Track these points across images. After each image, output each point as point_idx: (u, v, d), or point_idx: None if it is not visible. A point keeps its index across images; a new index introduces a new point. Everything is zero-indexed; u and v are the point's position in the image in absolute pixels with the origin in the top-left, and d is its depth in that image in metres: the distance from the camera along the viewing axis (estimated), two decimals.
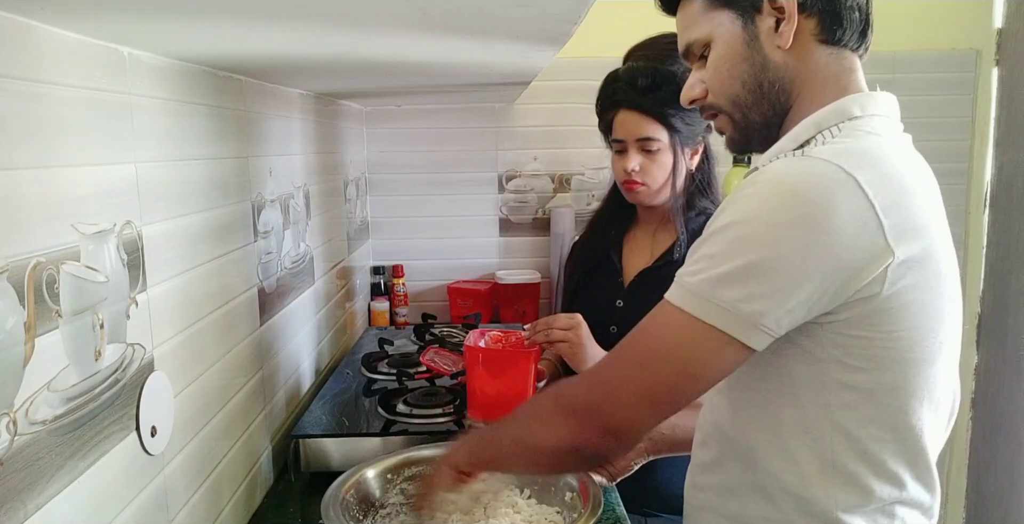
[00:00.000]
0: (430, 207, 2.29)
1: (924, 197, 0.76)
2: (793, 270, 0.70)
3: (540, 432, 0.83)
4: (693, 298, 0.73)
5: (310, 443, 1.28)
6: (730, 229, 0.73)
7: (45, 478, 0.66)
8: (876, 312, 0.73)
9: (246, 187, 1.19)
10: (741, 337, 0.72)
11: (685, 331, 0.74)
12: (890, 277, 0.71)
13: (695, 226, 1.38)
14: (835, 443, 0.77)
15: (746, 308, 0.71)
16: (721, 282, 0.72)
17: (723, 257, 0.72)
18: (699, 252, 0.76)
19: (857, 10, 0.81)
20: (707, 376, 0.75)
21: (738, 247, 0.72)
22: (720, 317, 0.72)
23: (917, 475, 0.79)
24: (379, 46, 0.89)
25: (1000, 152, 2.06)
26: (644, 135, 1.33)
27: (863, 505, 0.78)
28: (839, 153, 0.74)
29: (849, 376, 0.76)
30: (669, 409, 0.77)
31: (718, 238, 0.74)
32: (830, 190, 0.70)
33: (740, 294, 0.71)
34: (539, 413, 0.85)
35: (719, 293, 0.72)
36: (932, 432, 0.79)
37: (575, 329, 1.24)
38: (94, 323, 0.73)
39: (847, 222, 0.70)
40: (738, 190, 0.76)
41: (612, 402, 0.76)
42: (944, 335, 0.77)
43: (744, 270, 0.71)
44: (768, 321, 0.71)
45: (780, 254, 0.70)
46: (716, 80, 0.85)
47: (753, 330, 0.72)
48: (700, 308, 0.73)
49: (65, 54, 0.71)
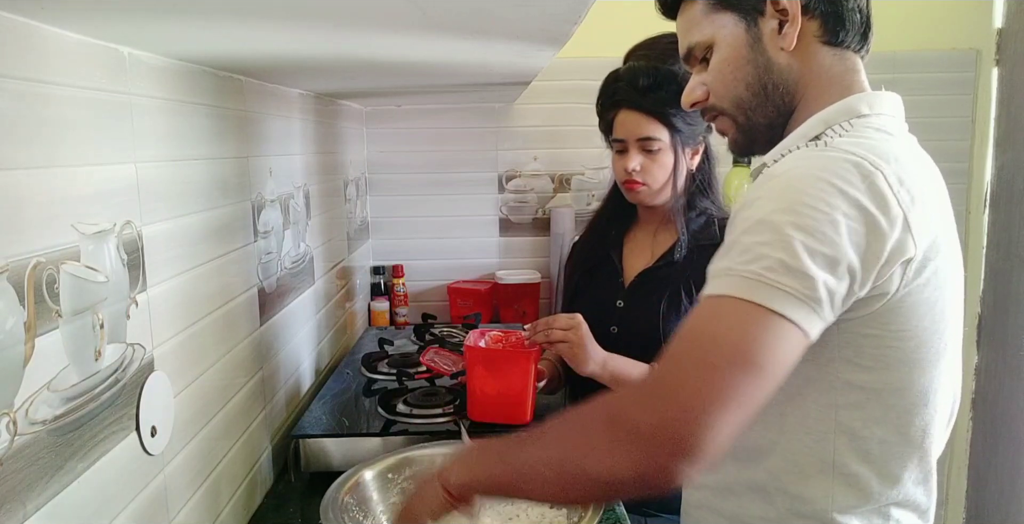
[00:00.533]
0: (430, 207, 2.29)
1: (933, 196, 0.76)
2: (846, 252, 0.68)
3: (594, 462, 0.68)
4: (753, 285, 0.68)
5: (310, 443, 1.28)
6: (771, 217, 0.70)
7: (45, 478, 0.66)
8: (889, 310, 0.73)
9: (246, 187, 1.19)
10: (805, 324, 0.68)
11: (754, 323, 0.67)
12: (908, 274, 0.71)
13: (696, 226, 1.38)
14: (838, 443, 0.77)
15: (811, 295, 0.67)
16: (785, 269, 0.67)
17: (776, 243, 0.68)
18: (742, 242, 0.71)
19: (858, 12, 0.81)
20: (775, 372, 0.68)
21: (783, 232, 0.68)
22: (783, 302, 0.67)
23: (918, 477, 0.79)
24: (379, 46, 0.89)
25: (1000, 152, 2.06)
26: (645, 135, 1.33)
27: (860, 506, 0.78)
28: (861, 147, 0.73)
29: (857, 376, 0.75)
30: (744, 416, 0.67)
31: (759, 228, 0.70)
32: (863, 178, 0.70)
33: (800, 278, 0.67)
34: (589, 440, 0.70)
35: (781, 279, 0.67)
36: (936, 432, 0.79)
37: (575, 329, 1.24)
38: (94, 323, 0.73)
39: (884, 209, 0.69)
40: (761, 183, 0.74)
41: (685, 416, 0.65)
42: (948, 335, 0.77)
43: (800, 258, 0.68)
44: (825, 307, 0.69)
45: (831, 235, 0.68)
46: (719, 83, 0.85)
47: (814, 316, 0.68)
48: (763, 294, 0.67)
49: (65, 54, 0.71)
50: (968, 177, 2.24)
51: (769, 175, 0.75)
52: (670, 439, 0.65)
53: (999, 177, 2.06)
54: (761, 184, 0.74)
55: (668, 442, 0.65)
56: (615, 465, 0.67)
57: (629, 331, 1.36)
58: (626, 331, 1.37)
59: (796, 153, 0.77)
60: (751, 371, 0.66)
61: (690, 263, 1.35)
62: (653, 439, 0.66)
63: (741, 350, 0.66)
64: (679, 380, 0.67)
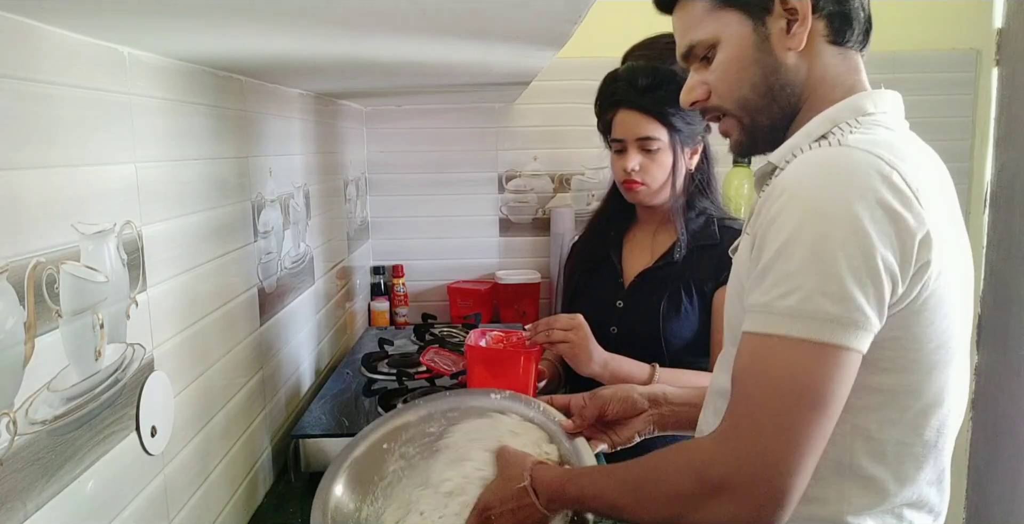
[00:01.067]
0: (430, 207, 2.29)
1: (943, 195, 0.75)
2: (882, 256, 0.67)
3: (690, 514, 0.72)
4: (797, 321, 0.68)
5: (310, 443, 1.28)
6: (800, 237, 0.68)
7: (45, 478, 0.66)
8: (913, 312, 0.72)
9: (246, 187, 1.19)
10: (857, 345, 0.68)
11: (810, 359, 0.68)
12: (932, 273, 0.70)
13: (695, 226, 1.38)
14: (855, 445, 0.76)
15: (854, 316, 0.68)
16: (822, 295, 0.67)
17: (808, 270, 0.68)
18: (776, 270, 0.70)
19: (862, 10, 0.81)
20: (841, 399, 0.70)
21: (817, 253, 0.67)
22: (830, 331, 0.67)
23: (932, 478, 0.79)
24: (379, 46, 0.89)
25: (1000, 152, 2.06)
26: (644, 134, 1.33)
27: (874, 507, 0.77)
28: (874, 143, 0.72)
29: (875, 378, 0.74)
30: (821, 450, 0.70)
31: (790, 251, 0.69)
32: (882, 178, 0.69)
33: (843, 303, 0.67)
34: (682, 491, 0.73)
35: (825, 308, 0.67)
36: (948, 433, 0.79)
37: (576, 330, 1.24)
38: (94, 323, 0.73)
39: (908, 206, 0.68)
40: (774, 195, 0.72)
41: (772, 467, 0.68)
42: (960, 336, 0.77)
43: (836, 276, 0.67)
44: (873, 321, 0.69)
45: (861, 248, 0.67)
46: (724, 83, 0.83)
47: (864, 334, 0.68)
48: (814, 330, 0.67)
49: (65, 54, 0.71)
50: (968, 177, 2.24)
51: (786, 184, 0.72)
52: (761, 490, 0.69)
53: (999, 177, 2.06)
54: (780, 194, 0.72)
55: (760, 493, 0.69)
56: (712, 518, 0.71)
57: (629, 331, 1.36)
58: (626, 331, 1.37)
59: (807, 155, 0.75)
60: (820, 407, 0.69)
61: (690, 263, 1.35)
62: (746, 492, 0.69)
63: (808, 391, 0.68)
64: (755, 430, 0.70)
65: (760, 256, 0.72)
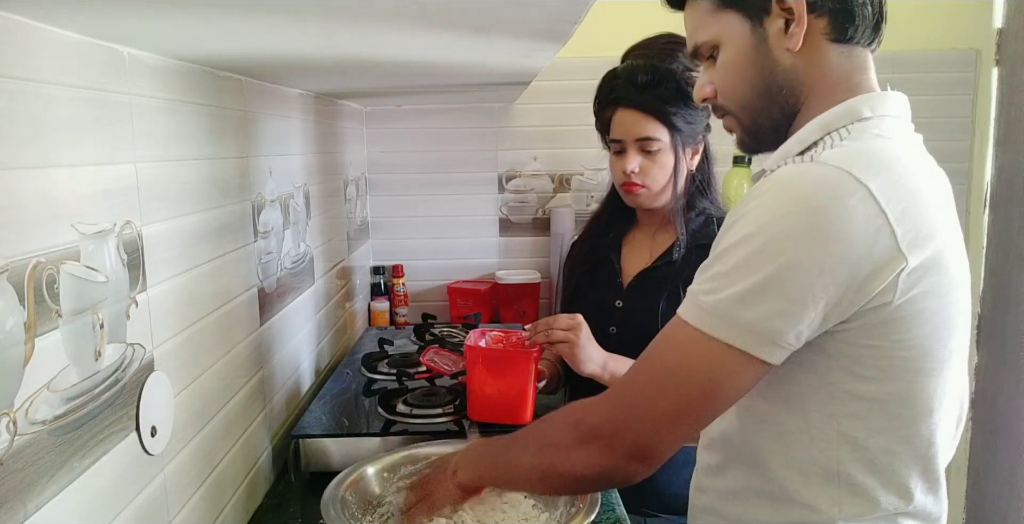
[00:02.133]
0: (430, 207, 2.29)
1: (935, 201, 0.74)
2: (810, 283, 0.69)
3: (563, 461, 0.80)
4: (711, 318, 0.72)
5: (310, 443, 1.28)
6: (743, 245, 0.71)
7: (45, 478, 0.66)
8: (888, 320, 0.71)
9: (246, 187, 1.19)
10: (762, 355, 0.71)
11: (705, 351, 0.73)
12: (902, 285, 0.70)
13: (695, 227, 1.37)
14: (842, 453, 0.76)
15: (766, 326, 0.70)
16: (740, 301, 0.70)
17: (738, 274, 0.71)
18: (712, 269, 0.74)
19: (870, 4, 0.79)
20: (728, 395, 0.75)
21: (753, 263, 0.70)
22: (740, 337, 0.71)
23: (925, 486, 0.78)
24: (379, 45, 0.89)
25: (1000, 152, 2.06)
26: (644, 135, 1.31)
27: (867, 514, 0.77)
28: (850, 158, 0.72)
29: (858, 386, 0.74)
30: (692, 429, 0.77)
31: (731, 255, 0.72)
32: (841, 199, 0.69)
33: (759, 312, 0.70)
34: (559, 441, 0.81)
35: (738, 313, 0.70)
36: (942, 441, 0.78)
37: (576, 330, 1.23)
38: (94, 323, 0.73)
39: (860, 231, 0.68)
40: (745, 201, 0.75)
41: (635, 426, 0.75)
42: (955, 342, 0.76)
43: (761, 287, 0.69)
44: (788, 337, 0.71)
45: (795, 267, 0.69)
46: (725, 83, 0.84)
47: (773, 346, 0.71)
48: (719, 328, 0.71)
49: (65, 54, 0.71)
50: (968, 177, 2.24)
51: (756, 193, 0.74)
52: (623, 445, 0.76)
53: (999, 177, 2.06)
54: (745, 201, 0.74)
55: (621, 447, 0.76)
56: (582, 462, 0.78)
57: (628, 331, 1.36)
58: (625, 331, 1.37)
59: (781, 170, 0.76)
60: (701, 397, 0.74)
61: (689, 263, 1.34)
62: (609, 442, 0.76)
63: (693, 378, 0.74)
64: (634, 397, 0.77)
65: (716, 247, 0.76)
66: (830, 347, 0.74)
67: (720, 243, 0.75)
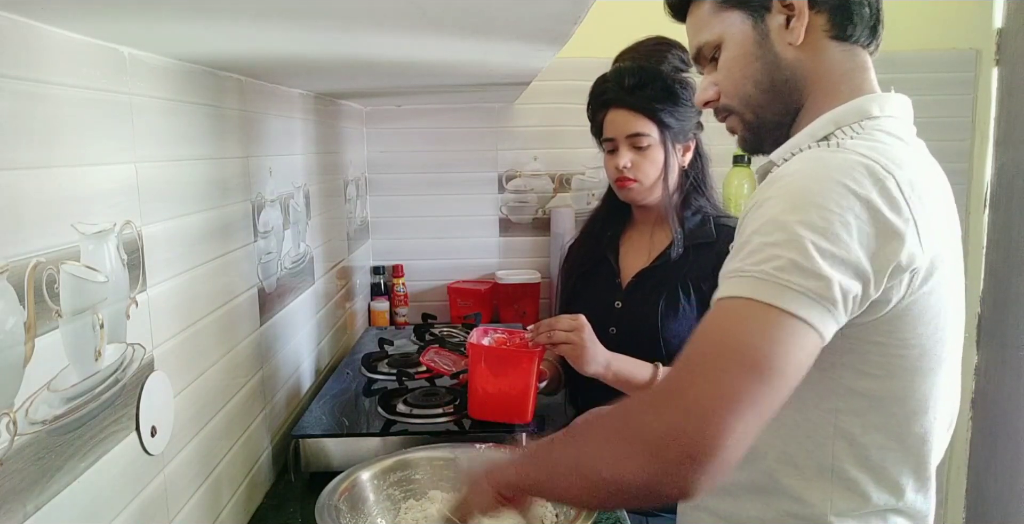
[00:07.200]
0: (430, 207, 2.29)
1: (940, 205, 0.75)
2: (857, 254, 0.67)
3: (606, 465, 0.68)
4: (766, 286, 0.66)
5: (310, 443, 1.28)
6: (783, 218, 0.68)
7: (45, 478, 0.66)
8: (895, 318, 0.72)
9: (246, 187, 1.19)
10: (818, 324, 0.66)
11: (763, 321, 0.65)
12: (914, 282, 0.70)
13: (692, 225, 1.39)
14: (837, 448, 0.77)
15: (824, 294, 0.66)
16: (796, 269, 0.66)
17: (788, 243, 0.67)
18: (753, 242, 0.69)
19: (867, 5, 0.80)
20: (791, 375, 0.66)
21: (799, 231, 0.67)
22: (797, 302, 0.65)
23: (917, 484, 0.79)
24: (379, 46, 0.89)
25: (1000, 152, 2.06)
26: (633, 131, 1.35)
27: (858, 509, 0.78)
28: (872, 150, 0.72)
29: (860, 383, 0.75)
30: (750, 423, 0.64)
31: (773, 226, 0.68)
32: (875, 181, 0.69)
33: (814, 279, 0.66)
34: (604, 441, 0.70)
35: (794, 279, 0.65)
36: (934, 440, 0.79)
37: (578, 330, 1.23)
38: (94, 323, 0.73)
39: (896, 212, 0.68)
40: (771, 182, 0.73)
41: (693, 421, 0.63)
42: (952, 344, 0.77)
43: (813, 257, 0.66)
44: (840, 308, 0.67)
45: (843, 236, 0.67)
46: (728, 81, 0.85)
47: (828, 317, 0.67)
48: (776, 295, 0.65)
49: (65, 54, 0.71)
50: (968, 177, 2.24)
51: (779, 175, 0.74)
52: (677, 445, 0.63)
53: (999, 177, 2.06)
54: (771, 183, 0.73)
55: (675, 448, 0.63)
56: (625, 471, 0.66)
57: (628, 331, 1.36)
58: (625, 331, 1.37)
59: (806, 153, 0.76)
60: (765, 375, 0.64)
61: (687, 262, 1.35)
62: (661, 443, 0.64)
63: (755, 353, 0.64)
64: (688, 384, 0.65)
65: (742, 233, 0.72)
66: (837, 343, 0.73)
67: (751, 217, 0.72)
